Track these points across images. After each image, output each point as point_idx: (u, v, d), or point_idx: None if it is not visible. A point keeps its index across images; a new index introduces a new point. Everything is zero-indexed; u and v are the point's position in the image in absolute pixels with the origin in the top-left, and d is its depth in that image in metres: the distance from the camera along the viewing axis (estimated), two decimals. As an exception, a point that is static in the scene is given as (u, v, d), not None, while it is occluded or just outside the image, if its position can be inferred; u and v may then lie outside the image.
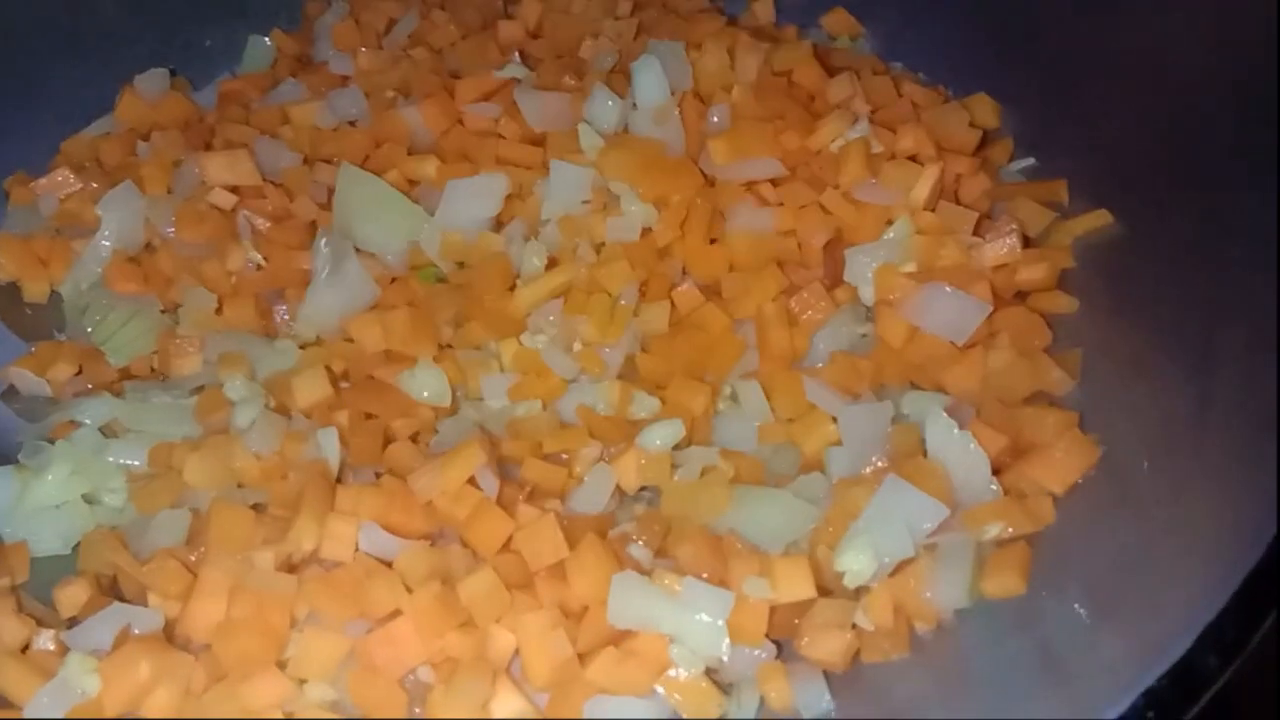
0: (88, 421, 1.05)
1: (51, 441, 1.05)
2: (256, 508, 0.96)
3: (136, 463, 1.02)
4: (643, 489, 1.00)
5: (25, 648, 0.92)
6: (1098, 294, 1.03)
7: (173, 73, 1.33)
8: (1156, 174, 0.99)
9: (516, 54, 1.28)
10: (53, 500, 1.01)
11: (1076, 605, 0.83)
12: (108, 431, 1.06)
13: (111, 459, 1.02)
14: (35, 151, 1.26)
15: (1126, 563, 0.83)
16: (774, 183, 1.11)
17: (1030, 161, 1.17)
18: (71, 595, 0.95)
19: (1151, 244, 0.99)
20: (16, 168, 1.25)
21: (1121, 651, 0.75)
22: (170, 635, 0.91)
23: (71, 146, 1.27)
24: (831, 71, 1.19)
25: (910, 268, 1.05)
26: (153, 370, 1.13)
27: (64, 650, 0.91)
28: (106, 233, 1.17)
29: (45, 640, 0.92)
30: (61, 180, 1.22)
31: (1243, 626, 0.70)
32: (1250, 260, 0.85)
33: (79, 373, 1.12)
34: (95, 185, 1.21)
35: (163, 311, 1.15)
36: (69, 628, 0.92)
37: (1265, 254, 0.83)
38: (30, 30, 1.26)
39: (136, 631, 0.90)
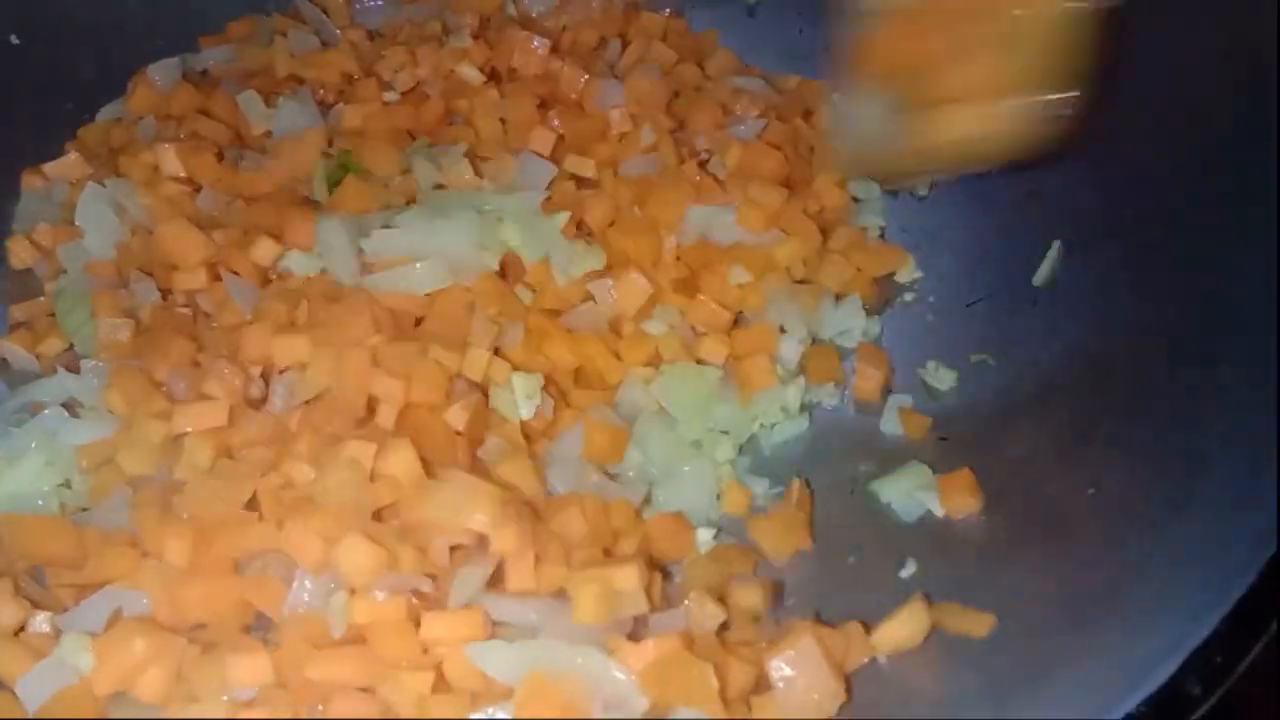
0: (48, 400, 1.06)
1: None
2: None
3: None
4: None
5: (20, 630, 0.93)
6: (1099, 310, 1.02)
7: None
8: (1160, 190, 0.98)
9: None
10: (27, 490, 1.01)
11: (1061, 623, 0.82)
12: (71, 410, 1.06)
13: (71, 441, 1.02)
14: (54, 140, 1.27)
15: (1116, 584, 0.82)
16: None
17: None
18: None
19: (1154, 260, 0.98)
20: (35, 157, 1.25)
21: (1105, 674, 0.74)
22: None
23: (87, 134, 1.28)
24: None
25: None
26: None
27: (59, 633, 0.92)
28: (86, 240, 1.17)
29: (41, 623, 0.93)
30: (73, 164, 1.23)
31: (1229, 652, 0.70)
32: (1252, 276, 0.84)
33: (70, 348, 1.13)
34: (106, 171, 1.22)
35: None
36: (65, 611, 0.93)
37: (1267, 270, 0.82)
38: (50, 19, 1.28)
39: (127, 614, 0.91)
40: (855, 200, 1.26)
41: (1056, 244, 1.10)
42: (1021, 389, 1.05)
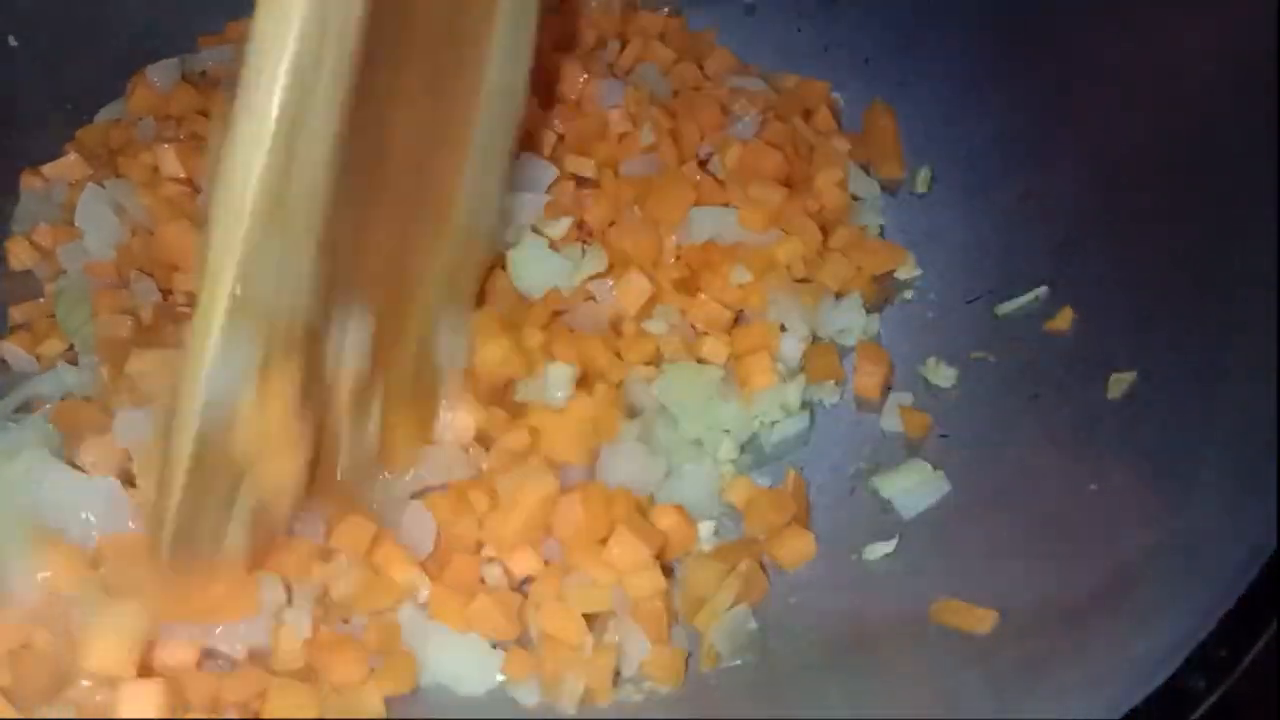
0: (48, 395, 1.06)
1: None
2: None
3: None
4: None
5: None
6: (1099, 312, 1.03)
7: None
8: (1160, 189, 0.99)
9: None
10: (23, 484, 0.99)
11: (1063, 620, 0.82)
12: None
13: None
14: (53, 141, 1.27)
15: (1117, 580, 0.82)
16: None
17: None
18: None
19: (1154, 260, 0.98)
20: (36, 156, 1.25)
21: (1107, 671, 0.74)
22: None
23: (86, 135, 1.28)
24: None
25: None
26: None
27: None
28: (86, 241, 1.18)
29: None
30: (72, 165, 1.23)
31: (1233, 648, 0.70)
32: (1254, 277, 0.84)
33: (70, 348, 1.13)
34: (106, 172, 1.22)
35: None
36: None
37: (1268, 269, 0.82)
38: (49, 21, 1.27)
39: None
40: (855, 199, 1.26)
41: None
42: (1022, 386, 1.05)
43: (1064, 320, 1.05)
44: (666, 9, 1.42)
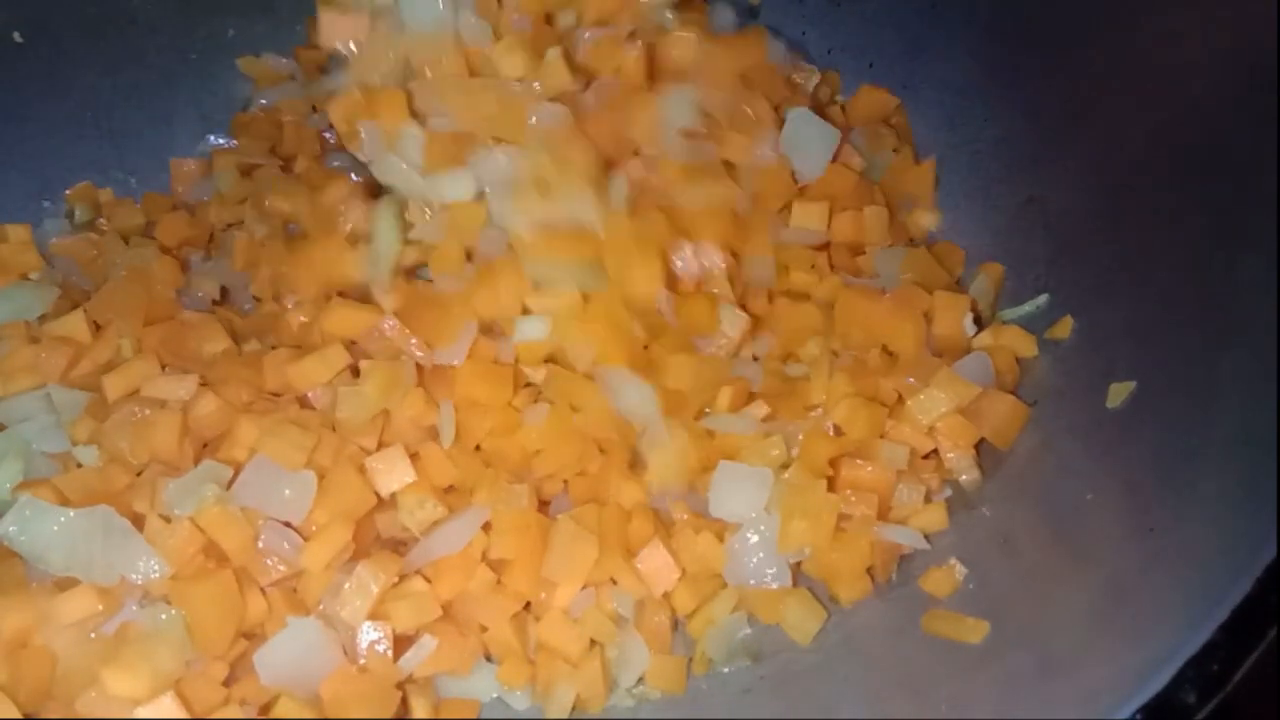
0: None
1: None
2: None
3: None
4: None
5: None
6: (1100, 318, 1.02)
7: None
8: (1162, 197, 0.98)
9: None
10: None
11: (1057, 630, 0.82)
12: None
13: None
14: (59, 139, 1.28)
15: (1113, 591, 0.81)
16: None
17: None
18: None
19: (1155, 269, 0.97)
20: (40, 155, 1.27)
21: (1101, 681, 0.73)
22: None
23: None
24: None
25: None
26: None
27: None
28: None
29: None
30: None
31: (1226, 661, 0.69)
32: (1254, 286, 0.84)
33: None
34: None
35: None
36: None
37: (1268, 279, 0.81)
38: (53, 17, 1.28)
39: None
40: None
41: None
42: (1021, 394, 1.05)
43: (1064, 328, 1.04)
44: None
